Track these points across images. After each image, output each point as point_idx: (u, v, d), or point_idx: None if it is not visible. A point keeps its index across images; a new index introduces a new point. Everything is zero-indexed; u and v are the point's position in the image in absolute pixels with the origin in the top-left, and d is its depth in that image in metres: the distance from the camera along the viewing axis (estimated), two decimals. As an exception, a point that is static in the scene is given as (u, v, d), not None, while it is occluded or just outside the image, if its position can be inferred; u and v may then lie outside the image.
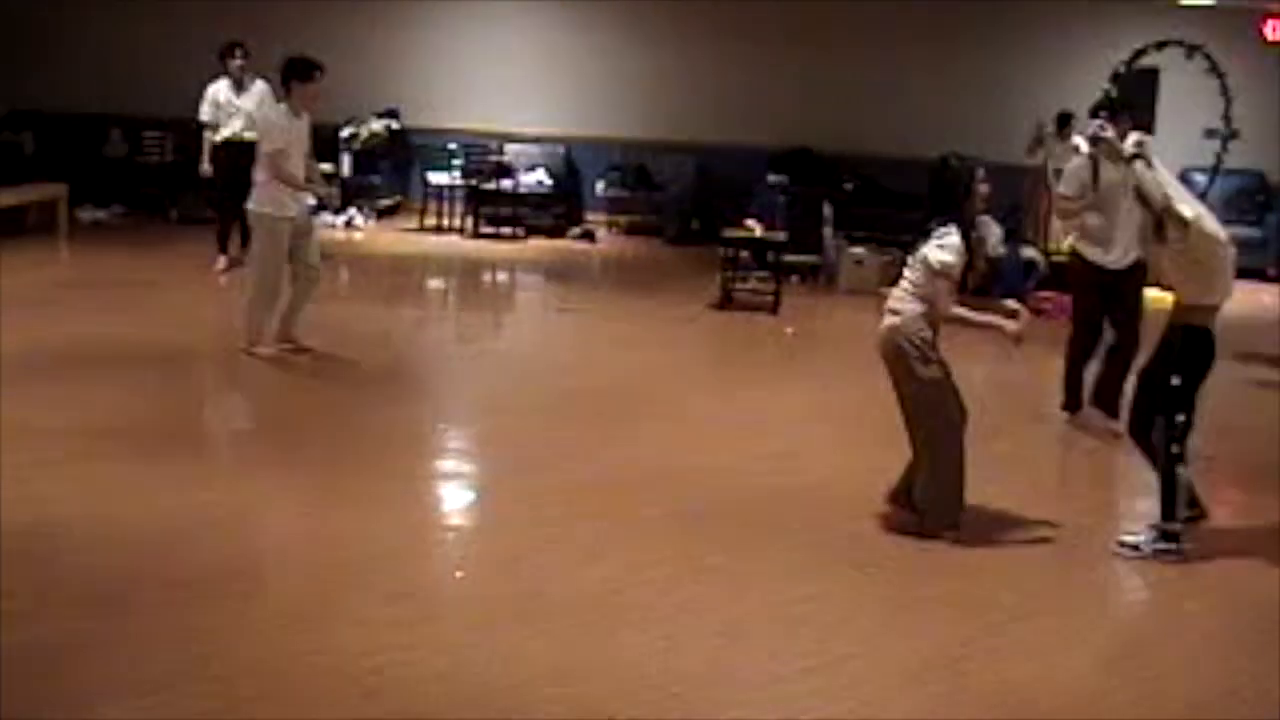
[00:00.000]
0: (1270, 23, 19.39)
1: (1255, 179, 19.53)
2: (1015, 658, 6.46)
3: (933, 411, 7.90)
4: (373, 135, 20.20)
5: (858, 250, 16.81)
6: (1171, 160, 18.54)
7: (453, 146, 19.76)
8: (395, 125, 20.52)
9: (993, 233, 17.55)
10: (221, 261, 15.31)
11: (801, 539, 7.83)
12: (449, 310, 14.93)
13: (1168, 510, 7.89)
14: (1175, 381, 7.89)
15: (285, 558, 7.18)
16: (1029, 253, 16.98)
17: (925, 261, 7.79)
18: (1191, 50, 17.23)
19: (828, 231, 17.48)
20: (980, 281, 15.10)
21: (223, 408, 10.89)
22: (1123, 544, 7.94)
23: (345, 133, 19.74)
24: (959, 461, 7.97)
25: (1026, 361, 10.34)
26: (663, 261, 18.77)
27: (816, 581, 7.29)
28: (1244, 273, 17.14)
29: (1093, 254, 10.63)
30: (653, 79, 20.35)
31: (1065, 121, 18.41)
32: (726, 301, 15.18)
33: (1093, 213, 10.57)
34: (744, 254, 15.80)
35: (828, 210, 17.64)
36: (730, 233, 15.59)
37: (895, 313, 7.92)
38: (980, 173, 8.01)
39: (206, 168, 15.25)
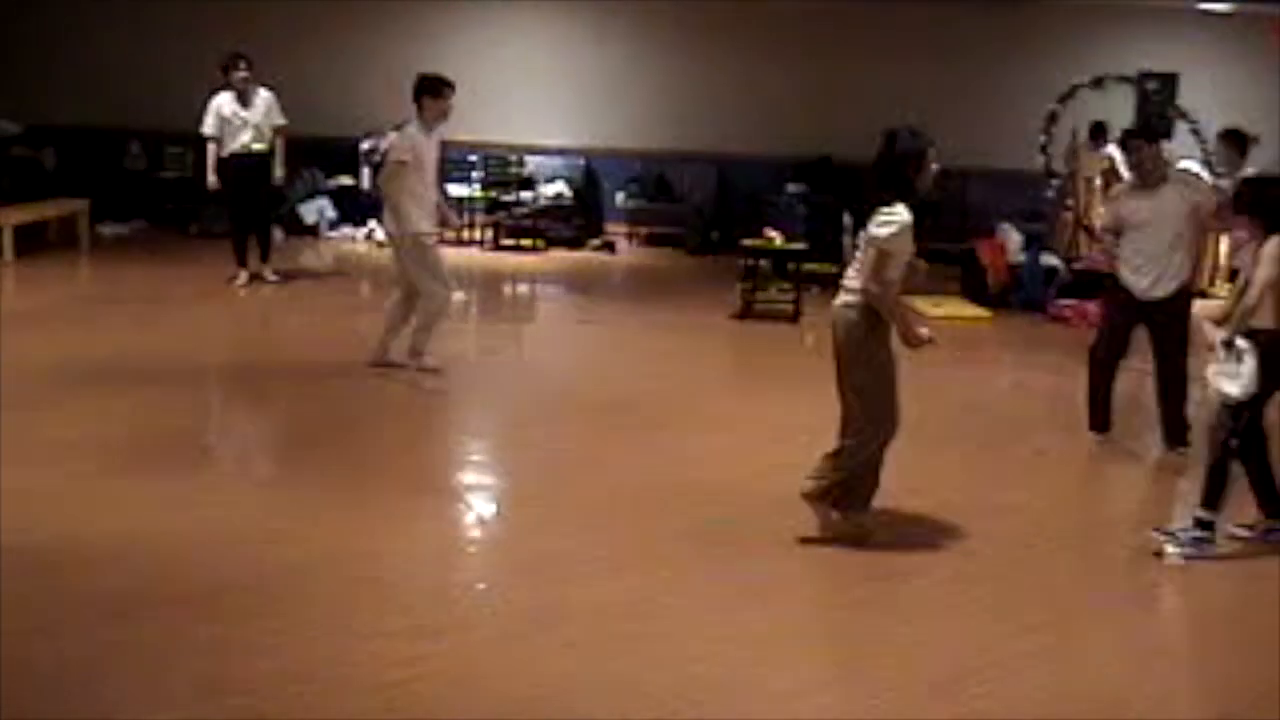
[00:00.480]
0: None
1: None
2: (1042, 666, 6.44)
3: (872, 398, 7.69)
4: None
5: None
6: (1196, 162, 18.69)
7: (473, 158, 19.81)
8: (414, 138, 20.54)
9: (1012, 239, 17.57)
10: (242, 276, 15.34)
11: (828, 549, 7.80)
12: (469, 322, 14.91)
13: (1210, 498, 7.93)
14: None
15: (306, 571, 7.15)
16: (1050, 260, 16.94)
17: (870, 239, 7.55)
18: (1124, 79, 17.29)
19: (847, 241, 17.41)
20: (1001, 288, 15.10)
21: (244, 422, 10.88)
22: (1159, 530, 8.02)
23: (365, 146, 19.76)
24: (877, 458, 7.84)
25: (1047, 370, 10.24)
26: (683, 272, 18.78)
27: (844, 592, 7.28)
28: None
29: (1128, 279, 10.18)
30: (672, 90, 20.37)
31: (1099, 131, 18.41)
32: (747, 311, 15.17)
33: (1129, 240, 10.17)
34: (764, 264, 15.77)
35: (847, 219, 17.56)
36: (750, 243, 15.58)
37: (848, 291, 7.71)
38: (932, 151, 7.73)
39: (213, 180, 15.20)
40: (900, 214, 7.49)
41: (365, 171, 19.79)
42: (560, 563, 7.46)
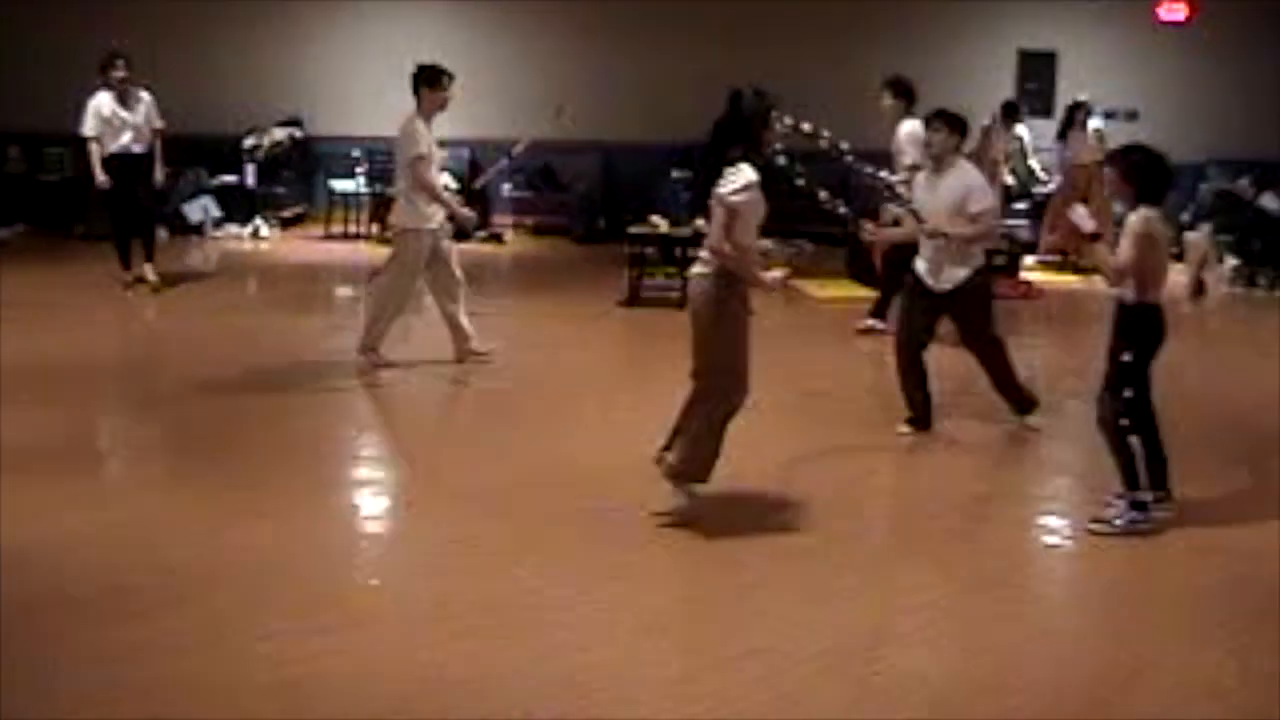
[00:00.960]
0: (1164, 4, 19.76)
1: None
2: (929, 645, 6.59)
3: (724, 368, 7.77)
4: (275, 144, 20.17)
5: (764, 242, 16.80)
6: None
7: (356, 153, 19.75)
8: (298, 134, 20.50)
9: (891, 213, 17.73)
10: (127, 277, 15.22)
11: (715, 533, 7.89)
12: (357, 317, 14.90)
13: (1131, 480, 8.07)
14: (1126, 358, 7.98)
15: (204, 571, 7.17)
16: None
17: (717, 197, 7.63)
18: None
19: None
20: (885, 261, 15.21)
21: (139, 424, 10.82)
22: (1095, 521, 8.08)
23: (248, 143, 19.70)
24: (722, 425, 7.90)
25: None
26: (571, 261, 18.87)
27: (731, 574, 7.38)
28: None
29: (919, 268, 9.96)
30: (555, 79, 20.37)
31: (1011, 110, 18.56)
32: (635, 298, 15.26)
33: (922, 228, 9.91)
34: (650, 250, 15.85)
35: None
36: (636, 229, 15.65)
37: (701, 261, 7.81)
38: (775, 112, 7.96)
39: (102, 179, 14.92)
40: (746, 172, 7.61)
41: (249, 169, 19.70)
42: (454, 555, 7.55)
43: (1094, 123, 18.42)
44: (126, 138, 14.90)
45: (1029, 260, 18.01)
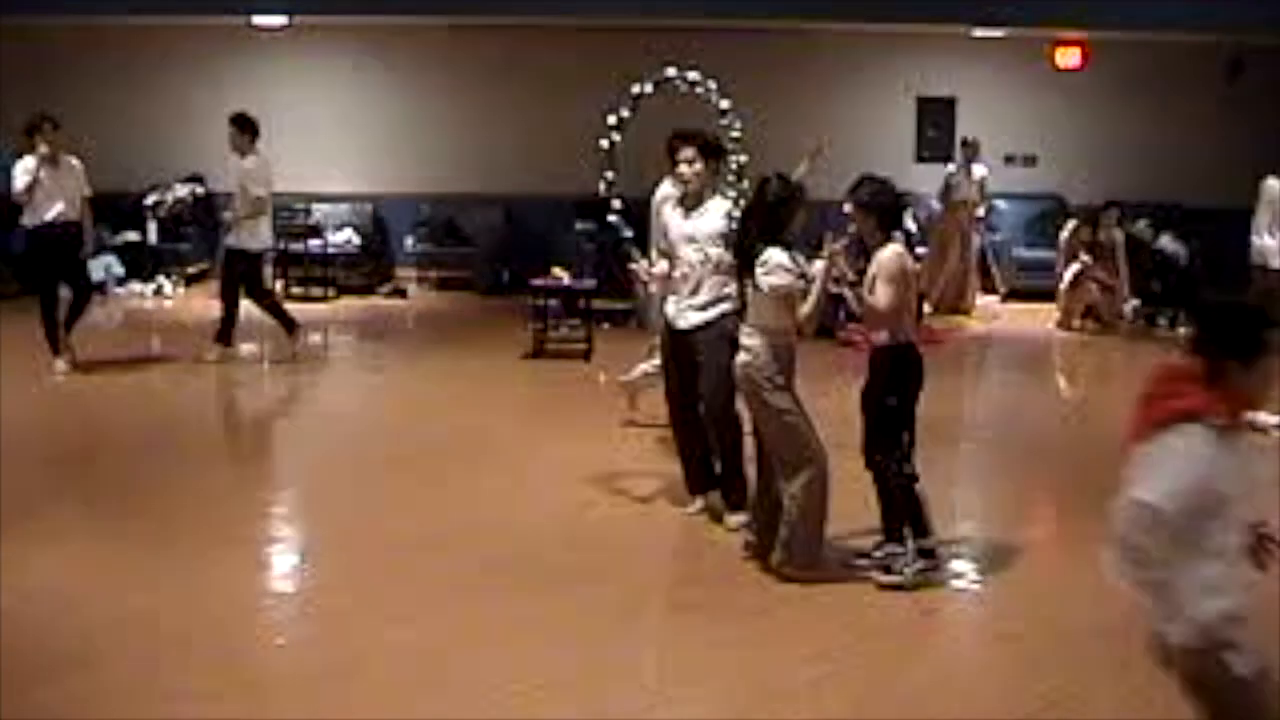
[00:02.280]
0: (1059, 50, 20.03)
1: (1055, 203, 20.04)
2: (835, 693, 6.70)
3: (791, 443, 7.91)
4: (178, 201, 20.07)
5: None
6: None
7: (259, 209, 19.65)
8: (200, 190, 20.42)
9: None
10: (60, 365, 14.05)
11: (622, 585, 7.97)
12: (262, 373, 14.85)
13: (919, 528, 7.97)
14: (891, 402, 7.89)
15: (106, 634, 7.17)
16: (837, 289, 17.20)
17: (761, 291, 7.82)
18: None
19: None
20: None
21: (41, 485, 10.65)
22: (884, 574, 7.98)
23: (150, 200, 19.60)
24: (823, 496, 7.98)
25: (833, 396, 10.37)
26: (475, 314, 18.89)
27: (639, 627, 7.45)
28: (1044, 295, 17.81)
29: (666, 306, 9.14)
30: (457, 132, 20.49)
31: (969, 149, 18.65)
32: (539, 351, 15.31)
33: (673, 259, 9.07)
34: (554, 303, 15.88)
35: (637, 253, 17.75)
36: (539, 282, 15.68)
37: (746, 349, 7.94)
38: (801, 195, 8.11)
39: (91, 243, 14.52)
40: (776, 256, 7.79)
41: (151, 226, 19.59)
42: (357, 612, 7.62)
43: (979, 169, 18.60)
44: (59, 206, 13.92)
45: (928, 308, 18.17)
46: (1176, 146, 19.57)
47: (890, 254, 7.82)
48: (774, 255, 7.80)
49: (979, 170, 18.72)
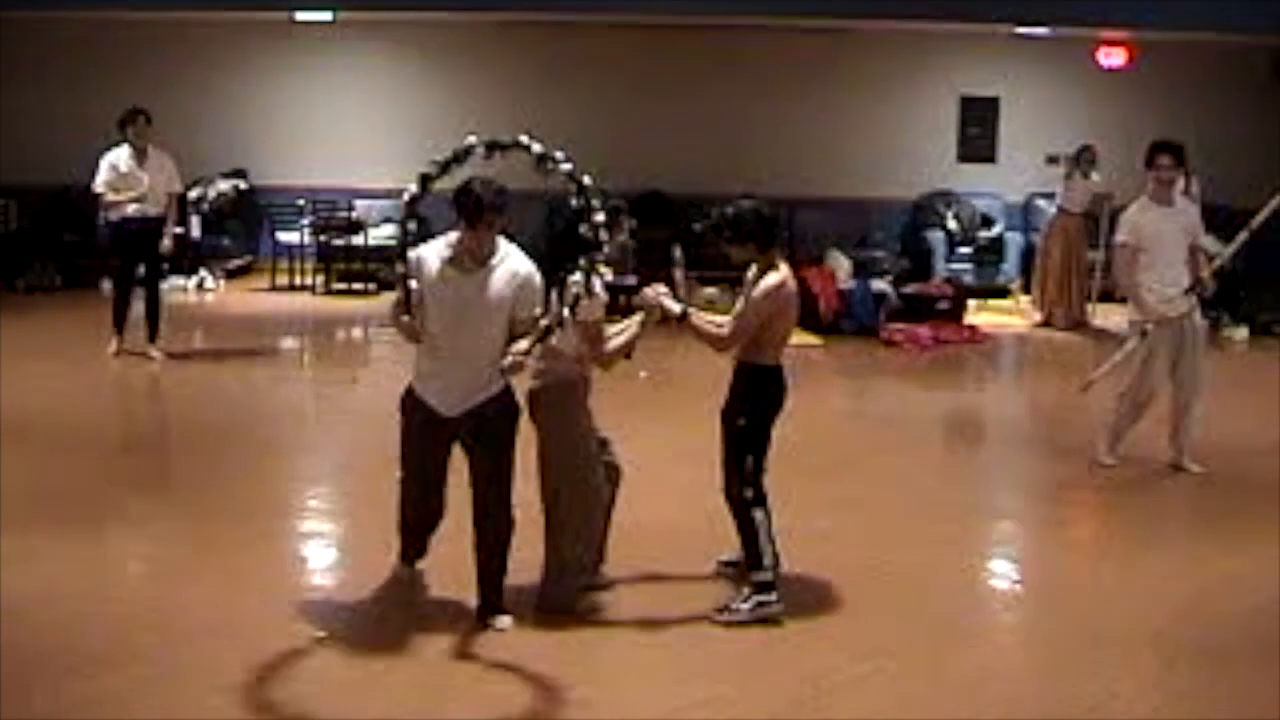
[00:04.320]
0: (1103, 50, 19.93)
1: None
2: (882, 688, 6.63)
3: (567, 471, 7.56)
4: (220, 196, 20.10)
5: (711, 290, 16.94)
6: (1020, 185, 19.19)
7: (301, 204, 19.69)
8: (243, 185, 20.44)
9: (841, 265, 17.85)
10: (114, 344, 14.31)
11: (658, 582, 7.94)
12: (304, 369, 14.87)
13: (754, 560, 7.49)
14: (741, 422, 7.55)
15: (143, 629, 7.14)
16: (879, 285, 17.19)
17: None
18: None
19: (679, 274, 17.53)
20: (832, 315, 15.31)
21: (85, 480, 10.57)
22: (719, 611, 7.48)
23: (193, 194, 19.60)
24: (592, 530, 7.64)
25: (875, 395, 10.36)
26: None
27: (677, 623, 7.44)
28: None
29: (422, 390, 7.64)
30: (499, 129, 20.31)
31: (1087, 156, 18.19)
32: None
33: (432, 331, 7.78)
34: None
35: (678, 252, 17.70)
36: (580, 278, 15.48)
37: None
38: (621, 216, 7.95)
39: (171, 238, 14.32)
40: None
41: (194, 220, 19.61)
42: (395, 612, 7.56)
43: (1095, 175, 18.07)
44: (141, 201, 14.03)
45: (972, 304, 18.04)
46: (1222, 147, 19.40)
47: (774, 280, 7.57)
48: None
49: (1093, 179, 18.09)
